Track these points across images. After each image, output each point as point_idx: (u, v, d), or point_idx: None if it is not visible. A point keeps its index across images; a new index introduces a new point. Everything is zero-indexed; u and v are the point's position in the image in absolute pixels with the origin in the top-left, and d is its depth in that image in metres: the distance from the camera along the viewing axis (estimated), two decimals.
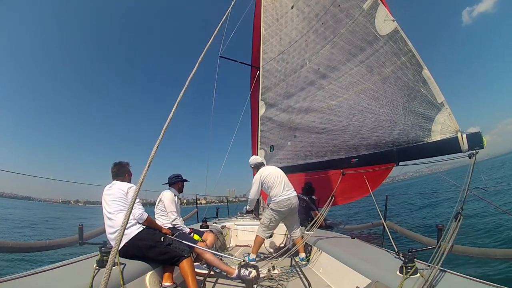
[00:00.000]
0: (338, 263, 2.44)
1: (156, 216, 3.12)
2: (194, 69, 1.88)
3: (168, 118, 1.48)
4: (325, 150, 3.86)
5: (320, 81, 3.98)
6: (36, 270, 1.69)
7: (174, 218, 3.03)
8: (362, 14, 3.20)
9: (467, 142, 2.10)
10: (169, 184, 3.35)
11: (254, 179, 3.47)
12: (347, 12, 3.42)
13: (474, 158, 2.02)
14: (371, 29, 3.06)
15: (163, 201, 3.11)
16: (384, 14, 2.92)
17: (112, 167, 2.46)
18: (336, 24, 3.63)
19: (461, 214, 1.90)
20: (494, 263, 2.82)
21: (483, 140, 2.03)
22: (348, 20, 3.42)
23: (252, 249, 3.40)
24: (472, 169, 2.00)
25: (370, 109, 3.13)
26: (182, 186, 3.45)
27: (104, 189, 2.33)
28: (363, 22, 3.18)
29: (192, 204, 6.66)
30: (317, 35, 4.03)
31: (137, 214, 2.21)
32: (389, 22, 2.83)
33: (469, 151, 2.09)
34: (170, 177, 3.38)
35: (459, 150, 2.15)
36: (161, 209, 3.13)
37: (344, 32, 3.49)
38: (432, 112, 2.42)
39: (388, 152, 2.81)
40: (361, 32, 3.23)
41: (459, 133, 2.19)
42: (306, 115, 4.24)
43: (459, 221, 1.88)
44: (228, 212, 6.20)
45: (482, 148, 2.03)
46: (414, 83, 2.60)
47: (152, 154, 1.35)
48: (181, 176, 3.42)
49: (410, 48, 2.63)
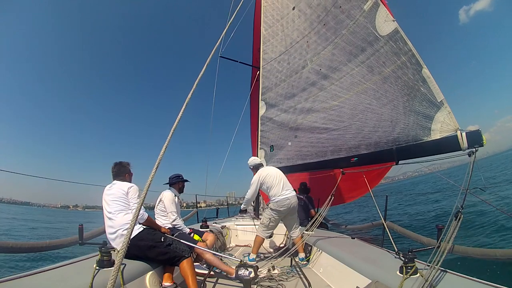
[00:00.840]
0: (338, 263, 2.44)
1: (156, 216, 3.12)
2: (202, 71, 1.86)
3: (176, 120, 1.48)
4: (325, 150, 3.87)
5: (322, 82, 4.01)
6: (36, 270, 1.69)
7: (174, 218, 3.03)
8: (363, 14, 3.23)
9: (466, 140, 2.10)
10: (169, 184, 3.35)
11: (252, 180, 3.49)
12: (348, 13, 3.46)
13: (474, 156, 2.02)
14: (371, 29, 3.09)
15: (163, 201, 3.10)
16: (384, 14, 2.95)
17: (112, 167, 2.47)
18: (337, 25, 3.67)
19: (461, 213, 1.89)
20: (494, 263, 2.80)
21: (482, 138, 2.03)
22: (349, 21, 3.45)
23: (252, 249, 3.40)
24: (472, 167, 2.00)
25: (371, 109, 3.14)
26: (183, 187, 3.45)
27: (104, 189, 2.34)
28: (364, 22, 3.21)
29: (192, 207, 6.65)
30: (319, 36, 4.06)
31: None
32: (389, 22, 2.86)
33: (468, 149, 2.09)
34: (170, 177, 3.38)
35: (459, 148, 2.15)
36: (161, 209, 3.13)
37: (345, 33, 3.52)
38: (432, 111, 2.43)
39: (388, 151, 2.82)
40: (361, 32, 3.26)
41: (459, 131, 2.19)
42: (308, 116, 4.26)
43: (459, 219, 1.87)
44: (228, 212, 6.19)
45: (482, 146, 2.03)
46: (414, 82, 2.61)
47: (160, 156, 1.35)
48: (181, 177, 3.42)
49: (410, 47, 2.65)
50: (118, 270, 1.11)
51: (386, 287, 1.65)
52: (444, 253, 1.70)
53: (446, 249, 1.73)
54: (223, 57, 6.37)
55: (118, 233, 2.08)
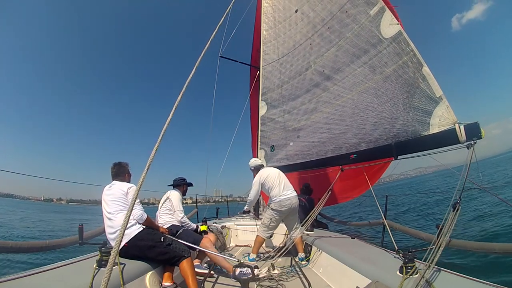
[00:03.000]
0: (338, 263, 2.44)
1: (160, 214, 3.15)
2: (193, 70, 1.89)
3: (168, 119, 1.48)
4: (326, 149, 3.92)
5: (325, 83, 4.11)
6: (36, 270, 1.68)
7: (183, 216, 3.08)
8: (368, 19, 3.36)
9: (465, 133, 2.16)
10: (173, 186, 3.39)
11: (254, 181, 3.53)
12: (354, 17, 3.60)
13: (473, 148, 2.07)
14: (376, 32, 3.21)
15: (171, 200, 3.16)
16: (389, 18, 3.07)
17: (112, 167, 2.47)
18: (342, 29, 3.81)
19: (459, 204, 1.93)
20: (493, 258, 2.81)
21: (481, 131, 2.07)
22: (354, 25, 3.59)
23: (252, 249, 3.40)
24: (471, 159, 2.05)
25: (372, 107, 3.22)
26: (186, 190, 3.51)
27: (103, 189, 2.34)
28: (369, 26, 3.34)
29: None
30: (322, 38, 4.20)
31: (137, 215, 2.21)
32: (393, 25, 2.98)
33: (467, 141, 2.14)
34: (175, 179, 3.43)
35: (457, 142, 2.20)
36: (167, 207, 3.16)
37: (350, 36, 3.65)
38: (430, 106, 2.50)
39: (387, 146, 2.87)
40: (366, 35, 3.39)
41: (457, 124, 2.25)
42: (311, 116, 4.32)
43: (457, 210, 1.91)
44: (228, 212, 6.16)
45: (480, 139, 2.07)
46: (414, 80, 2.70)
47: (151, 155, 1.37)
48: (186, 180, 3.48)
49: (412, 48, 2.75)
50: (111, 270, 1.10)
51: (386, 287, 1.65)
52: (441, 249, 1.70)
53: (443, 243, 1.74)
54: (223, 57, 6.37)
55: (117, 233, 2.09)
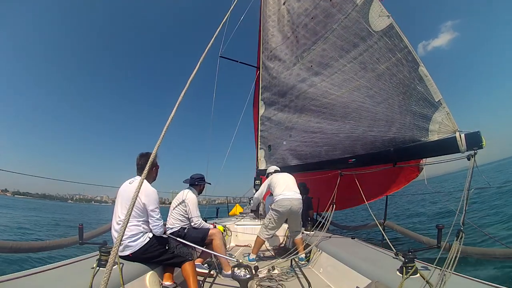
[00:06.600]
0: (338, 263, 2.43)
1: (171, 215, 2.94)
2: (195, 70, 1.78)
3: (168, 120, 1.41)
4: (319, 149, 3.80)
5: (312, 78, 3.89)
6: (36, 270, 1.68)
7: (200, 222, 2.91)
8: (355, 9, 3.08)
9: (465, 142, 2.04)
10: (190, 184, 3.12)
11: (264, 182, 3.60)
12: (340, 6, 3.30)
13: (474, 159, 1.95)
14: (364, 24, 2.95)
15: (187, 204, 2.90)
16: (378, 9, 2.81)
17: (138, 159, 2.19)
18: (328, 19, 3.52)
19: (462, 232, 1.80)
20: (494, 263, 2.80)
21: (482, 140, 1.96)
22: (341, 15, 3.30)
23: (252, 249, 3.39)
24: (472, 171, 1.92)
25: (364, 107, 3.05)
26: (203, 189, 3.28)
27: (124, 183, 2.16)
28: (356, 17, 3.07)
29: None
30: (307, 30, 3.91)
31: (156, 227, 2.08)
32: (383, 17, 2.73)
33: (467, 151, 2.02)
34: (193, 176, 3.15)
35: (458, 151, 2.09)
36: (180, 211, 2.93)
37: (336, 28, 3.37)
38: (429, 111, 2.35)
39: (386, 152, 2.75)
40: (354, 27, 3.12)
41: (458, 132, 2.12)
42: (302, 114, 4.18)
43: (461, 238, 1.80)
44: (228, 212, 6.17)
45: (481, 148, 1.96)
46: (410, 81, 2.52)
47: (152, 155, 1.29)
48: (204, 178, 3.23)
49: (406, 44, 2.54)
50: (111, 270, 1.06)
51: (386, 287, 1.63)
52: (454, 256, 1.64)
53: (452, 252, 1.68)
54: (223, 57, 6.23)
55: (124, 243, 1.99)
